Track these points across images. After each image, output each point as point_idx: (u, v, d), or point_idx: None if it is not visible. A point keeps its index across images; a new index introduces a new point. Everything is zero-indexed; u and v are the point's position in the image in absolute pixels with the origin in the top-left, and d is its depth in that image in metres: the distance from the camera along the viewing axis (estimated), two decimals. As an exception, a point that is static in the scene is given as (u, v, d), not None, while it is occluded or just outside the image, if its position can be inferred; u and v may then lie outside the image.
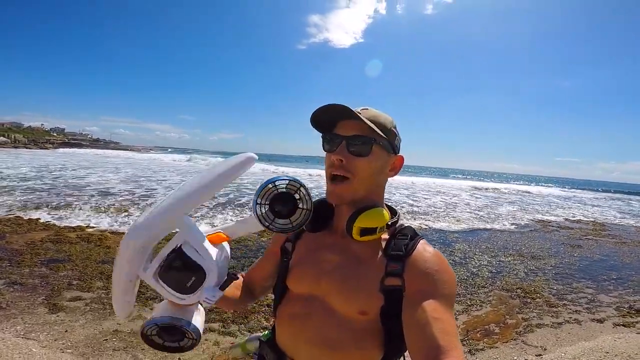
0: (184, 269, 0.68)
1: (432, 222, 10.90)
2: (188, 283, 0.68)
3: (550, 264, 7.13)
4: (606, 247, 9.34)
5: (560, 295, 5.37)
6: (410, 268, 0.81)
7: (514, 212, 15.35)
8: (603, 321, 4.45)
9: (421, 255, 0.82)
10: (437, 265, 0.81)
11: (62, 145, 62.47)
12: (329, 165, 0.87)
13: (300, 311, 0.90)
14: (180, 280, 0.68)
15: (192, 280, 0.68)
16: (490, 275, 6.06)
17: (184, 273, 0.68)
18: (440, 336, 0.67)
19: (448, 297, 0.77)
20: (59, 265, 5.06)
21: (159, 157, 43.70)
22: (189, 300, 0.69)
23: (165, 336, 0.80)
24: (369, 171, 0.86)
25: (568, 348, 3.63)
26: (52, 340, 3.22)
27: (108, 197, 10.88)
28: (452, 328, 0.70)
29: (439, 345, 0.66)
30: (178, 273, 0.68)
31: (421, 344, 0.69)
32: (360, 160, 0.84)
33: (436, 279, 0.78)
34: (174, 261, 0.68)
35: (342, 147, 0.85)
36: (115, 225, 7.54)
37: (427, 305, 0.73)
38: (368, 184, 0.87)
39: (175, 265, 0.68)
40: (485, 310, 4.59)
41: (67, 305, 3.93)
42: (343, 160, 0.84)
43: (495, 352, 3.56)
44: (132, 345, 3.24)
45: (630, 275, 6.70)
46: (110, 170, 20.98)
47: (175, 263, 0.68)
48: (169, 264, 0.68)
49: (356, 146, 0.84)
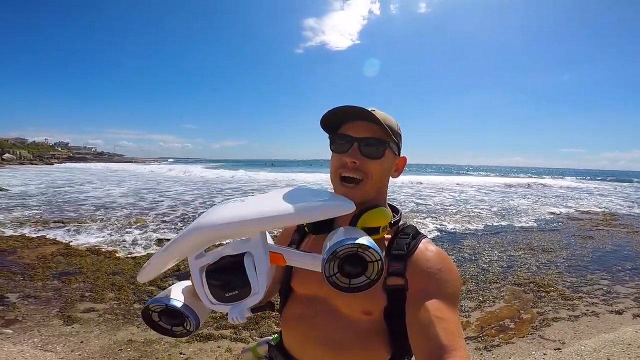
0: (233, 279, 0.64)
1: (439, 221, 10.84)
2: (228, 294, 0.64)
3: (562, 256, 7.04)
4: (618, 237, 9.21)
5: (575, 287, 5.29)
6: (412, 267, 0.81)
7: (522, 206, 15.21)
8: (622, 312, 4.38)
9: (423, 254, 0.82)
10: (440, 264, 0.80)
11: (67, 160, 63.08)
12: (339, 166, 0.86)
13: (305, 313, 0.90)
14: (223, 288, 0.64)
15: (234, 293, 0.64)
16: (502, 270, 5.99)
17: (230, 283, 0.64)
18: (443, 336, 0.66)
19: (451, 296, 0.76)
20: (71, 277, 5.09)
21: (160, 172, 38.69)
22: (217, 308, 0.66)
23: (164, 317, 0.76)
24: (381, 173, 0.86)
25: (587, 341, 3.57)
26: (69, 352, 3.23)
27: (113, 210, 10.95)
28: (455, 327, 0.69)
29: (443, 345, 0.65)
30: (225, 280, 0.64)
31: (424, 344, 0.68)
32: (374, 163, 0.84)
33: (439, 278, 0.78)
34: (229, 267, 0.64)
35: (354, 149, 0.84)
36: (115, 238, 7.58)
37: (430, 305, 0.72)
38: (379, 185, 0.88)
39: (227, 271, 0.64)
40: (499, 306, 4.54)
41: (81, 316, 3.95)
42: (357, 162, 0.83)
43: (512, 348, 3.51)
44: (146, 355, 3.24)
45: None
46: (114, 182, 21.15)
47: (228, 269, 0.64)
48: (222, 267, 0.64)
49: (370, 148, 0.84)
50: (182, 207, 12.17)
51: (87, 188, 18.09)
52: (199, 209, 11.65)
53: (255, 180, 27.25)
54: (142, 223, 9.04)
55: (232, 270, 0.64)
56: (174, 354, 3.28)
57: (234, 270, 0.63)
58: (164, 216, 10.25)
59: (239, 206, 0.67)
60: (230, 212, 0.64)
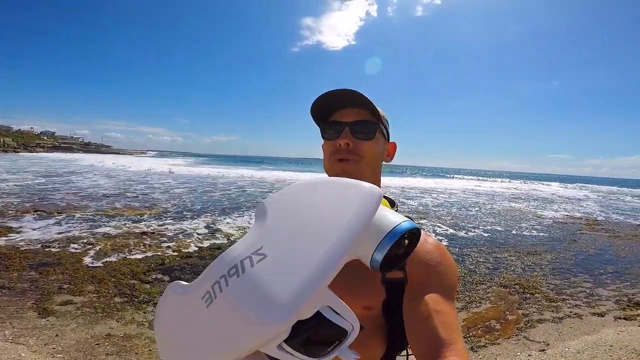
0: (328, 335, 0.52)
1: (425, 222, 10.90)
2: (329, 348, 0.53)
3: (547, 259, 7.14)
4: (600, 241, 9.40)
5: (558, 290, 5.35)
6: (411, 260, 0.79)
7: (508, 210, 15.42)
8: (604, 315, 4.43)
9: (422, 246, 0.81)
10: (439, 257, 0.80)
11: (53, 149, 61.60)
12: (332, 151, 0.86)
13: None
14: (322, 348, 0.52)
15: (334, 344, 0.53)
16: (488, 272, 6.04)
17: (326, 340, 0.52)
18: (441, 329, 0.66)
19: (450, 289, 0.75)
20: (49, 269, 4.92)
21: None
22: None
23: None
24: (374, 154, 0.87)
25: (571, 342, 3.59)
26: (42, 345, 3.10)
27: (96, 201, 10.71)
28: (453, 321, 0.69)
29: (441, 338, 0.64)
30: (319, 341, 0.51)
31: (423, 338, 0.67)
32: (366, 143, 0.85)
33: (438, 271, 0.77)
34: (315, 329, 0.50)
35: (346, 132, 0.85)
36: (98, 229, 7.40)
37: (428, 298, 0.72)
38: (373, 166, 0.88)
39: (317, 333, 0.50)
40: (485, 307, 4.56)
41: (57, 309, 3.81)
42: (350, 144, 0.84)
43: (498, 349, 3.51)
44: (125, 350, 3.14)
45: (626, 268, 6.73)
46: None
47: (317, 330, 0.50)
48: (308, 333, 0.49)
49: (361, 130, 0.85)
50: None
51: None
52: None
53: (249, 179, 26.98)
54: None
55: (322, 330, 0.51)
56: (155, 350, 3.18)
57: (324, 329, 0.51)
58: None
59: (284, 265, 0.49)
60: (277, 281, 0.47)
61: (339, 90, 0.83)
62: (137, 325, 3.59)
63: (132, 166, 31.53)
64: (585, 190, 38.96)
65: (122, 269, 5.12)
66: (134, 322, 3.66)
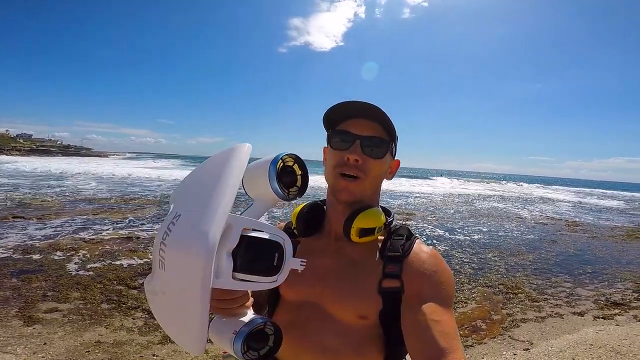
0: (264, 250, 0.62)
1: (410, 222, 11.05)
2: (274, 261, 0.62)
3: (529, 259, 7.35)
4: (580, 241, 9.72)
5: (540, 290, 5.53)
6: (408, 269, 0.79)
7: (491, 211, 15.77)
8: (583, 314, 4.61)
9: (418, 256, 0.81)
10: (435, 265, 0.80)
11: (30, 153, 59.37)
12: (338, 163, 0.84)
13: (296, 319, 0.86)
14: (266, 263, 0.61)
15: (276, 256, 0.62)
16: (473, 272, 6.18)
17: (265, 254, 0.62)
18: (440, 339, 0.67)
19: (447, 298, 0.76)
20: (31, 276, 4.79)
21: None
22: (281, 278, 0.63)
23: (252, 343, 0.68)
24: (380, 173, 0.86)
25: (553, 341, 3.73)
26: (31, 354, 3.04)
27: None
28: (452, 330, 0.70)
29: (440, 348, 0.65)
30: (260, 258, 0.61)
31: (422, 348, 0.68)
32: (375, 162, 0.83)
33: (434, 281, 0.77)
34: (250, 248, 0.61)
35: (356, 147, 0.82)
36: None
37: (426, 308, 0.72)
38: (375, 185, 0.87)
39: (253, 252, 0.61)
40: (471, 307, 4.67)
41: (43, 317, 3.72)
42: (359, 160, 0.81)
43: (485, 348, 3.61)
44: (116, 356, 3.10)
45: (603, 268, 6.99)
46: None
47: (252, 250, 0.61)
48: (247, 255, 0.60)
49: (373, 148, 0.82)
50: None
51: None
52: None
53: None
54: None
55: (255, 247, 0.61)
56: (146, 356, 3.15)
57: (255, 245, 0.61)
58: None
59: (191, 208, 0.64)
60: (189, 217, 0.62)
61: (361, 102, 0.80)
62: (127, 332, 3.54)
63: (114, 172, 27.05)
64: (565, 192, 40.16)
65: (107, 274, 5.03)
66: (123, 328, 3.61)
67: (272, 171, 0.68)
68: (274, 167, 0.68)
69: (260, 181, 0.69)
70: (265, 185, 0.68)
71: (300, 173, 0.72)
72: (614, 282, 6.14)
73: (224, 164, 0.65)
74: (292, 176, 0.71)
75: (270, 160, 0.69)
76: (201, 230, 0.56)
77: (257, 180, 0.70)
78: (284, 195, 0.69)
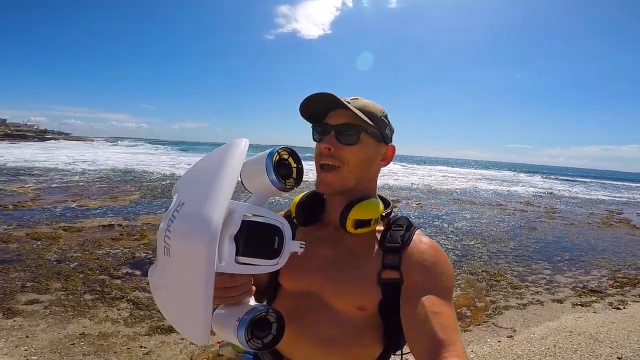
0: (265, 234, 0.66)
1: (396, 210, 11.17)
2: (275, 244, 0.66)
3: (510, 246, 7.56)
4: (558, 229, 10.05)
5: (522, 277, 5.70)
6: (407, 260, 0.80)
7: (473, 197, 16.11)
8: (562, 301, 4.78)
9: (417, 247, 0.82)
10: (435, 257, 0.80)
11: (5, 138, 56.65)
12: (317, 154, 0.86)
13: (295, 309, 0.87)
14: (268, 246, 0.66)
15: (276, 240, 0.66)
16: (457, 259, 6.32)
17: (266, 238, 0.66)
18: (440, 331, 0.67)
19: (446, 289, 0.76)
20: (8, 266, 4.62)
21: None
22: (281, 261, 0.67)
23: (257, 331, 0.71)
24: (357, 160, 0.84)
25: (535, 328, 3.86)
26: (13, 347, 2.95)
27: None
28: (451, 321, 0.70)
29: (439, 340, 0.65)
30: (261, 241, 0.65)
31: (421, 340, 0.68)
32: (349, 149, 0.83)
33: (434, 272, 0.78)
34: (251, 232, 0.64)
35: (330, 136, 0.84)
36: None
37: (425, 300, 0.72)
38: (357, 173, 0.85)
39: (254, 235, 0.64)
40: (456, 294, 4.77)
41: (23, 309, 3.61)
42: (331, 149, 0.83)
43: (470, 335, 3.71)
44: (102, 349, 3.04)
45: (580, 255, 7.27)
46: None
47: (253, 234, 0.64)
48: (249, 239, 0.64)
49: (344, 135, 0.83)
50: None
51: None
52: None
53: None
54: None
55: (255, 231, 0.65)
56: (134, 348, 3.10)
57: (255, 229, 0.65)
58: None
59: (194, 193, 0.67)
60: (191, 204, 0.65)
61: (328, 94, 0.81)
62: (112, 323, 3.47)
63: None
64: (544, 178, 41.35)
65: (89, 264, 4.90)
66: (108, 319, 3.54)
67: (269, 164, 0.71)
68: (271, 160, 0.71)
69: (258, 174, 0.72)
70: (263, 178, 0.71)
71: (295, 165, 0.75)
72: (590, 269, 6.39)
73: (224, 156, 0.69)
74: (288, 168, 0.74)
75: (267, 154, 0.72)
76: (205, 216, 0.59)
77: (255, 173, 0.73)
78: (281, 185, 0.72)
